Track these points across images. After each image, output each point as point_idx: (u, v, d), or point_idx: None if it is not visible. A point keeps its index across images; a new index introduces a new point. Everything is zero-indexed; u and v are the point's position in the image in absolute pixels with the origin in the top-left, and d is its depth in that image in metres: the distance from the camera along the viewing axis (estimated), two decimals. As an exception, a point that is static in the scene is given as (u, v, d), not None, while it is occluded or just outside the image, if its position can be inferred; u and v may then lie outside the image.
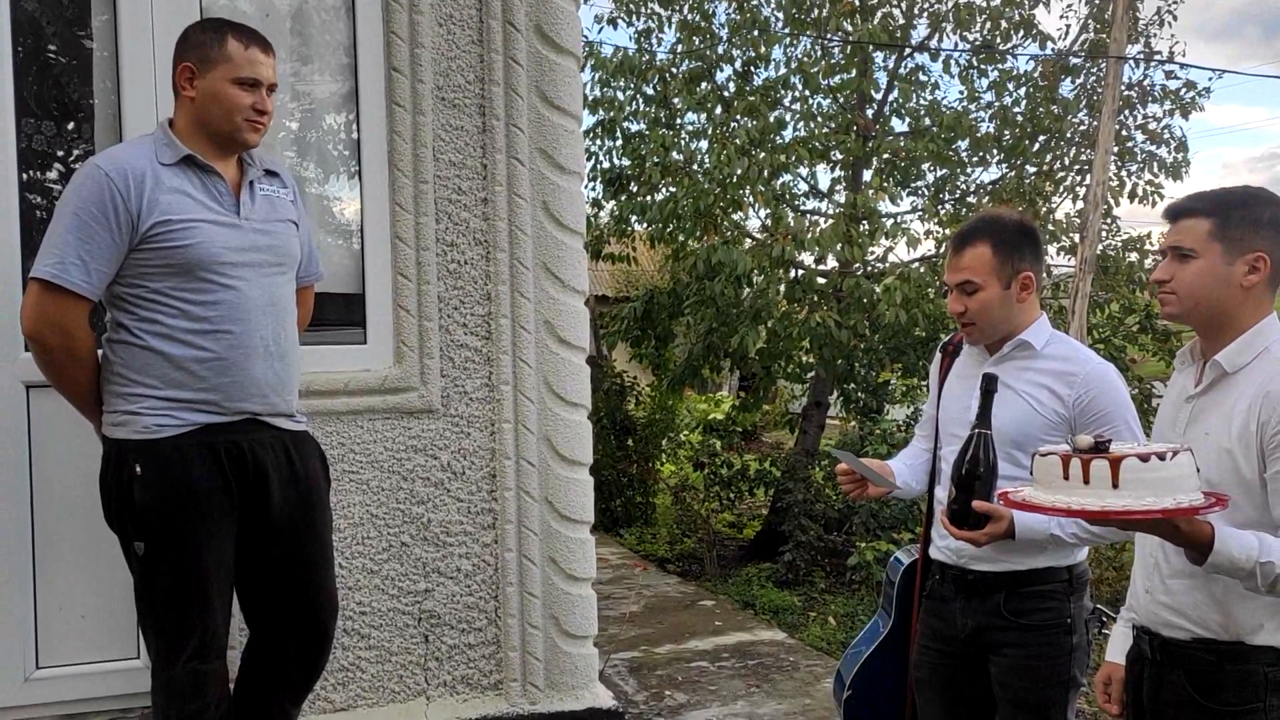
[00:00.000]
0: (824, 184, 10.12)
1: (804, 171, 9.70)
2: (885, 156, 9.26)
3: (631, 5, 9.93)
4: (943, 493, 2.59)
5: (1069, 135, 9.69)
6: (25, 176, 3.39)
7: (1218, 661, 2.01)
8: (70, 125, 3.48)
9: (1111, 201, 9.43)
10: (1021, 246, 2.55)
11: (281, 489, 2.79)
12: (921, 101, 9.72)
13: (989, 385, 2.33)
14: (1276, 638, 1.98)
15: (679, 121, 9.79)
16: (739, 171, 8.35)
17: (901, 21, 9.52)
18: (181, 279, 2.64)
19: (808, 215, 9.54)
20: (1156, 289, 2.13)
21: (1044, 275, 2.65)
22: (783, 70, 9.58)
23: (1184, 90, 9.76)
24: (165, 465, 2.63)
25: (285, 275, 2.85)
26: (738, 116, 9.14)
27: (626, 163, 9.54)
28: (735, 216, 9.06)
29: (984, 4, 9.48)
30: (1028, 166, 9.75)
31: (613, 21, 10.06)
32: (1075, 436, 1.91)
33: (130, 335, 2.66)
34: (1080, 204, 9.10)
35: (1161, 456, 1.79)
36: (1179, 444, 1.90)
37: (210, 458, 2.68)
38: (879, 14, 9.30)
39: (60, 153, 3.49)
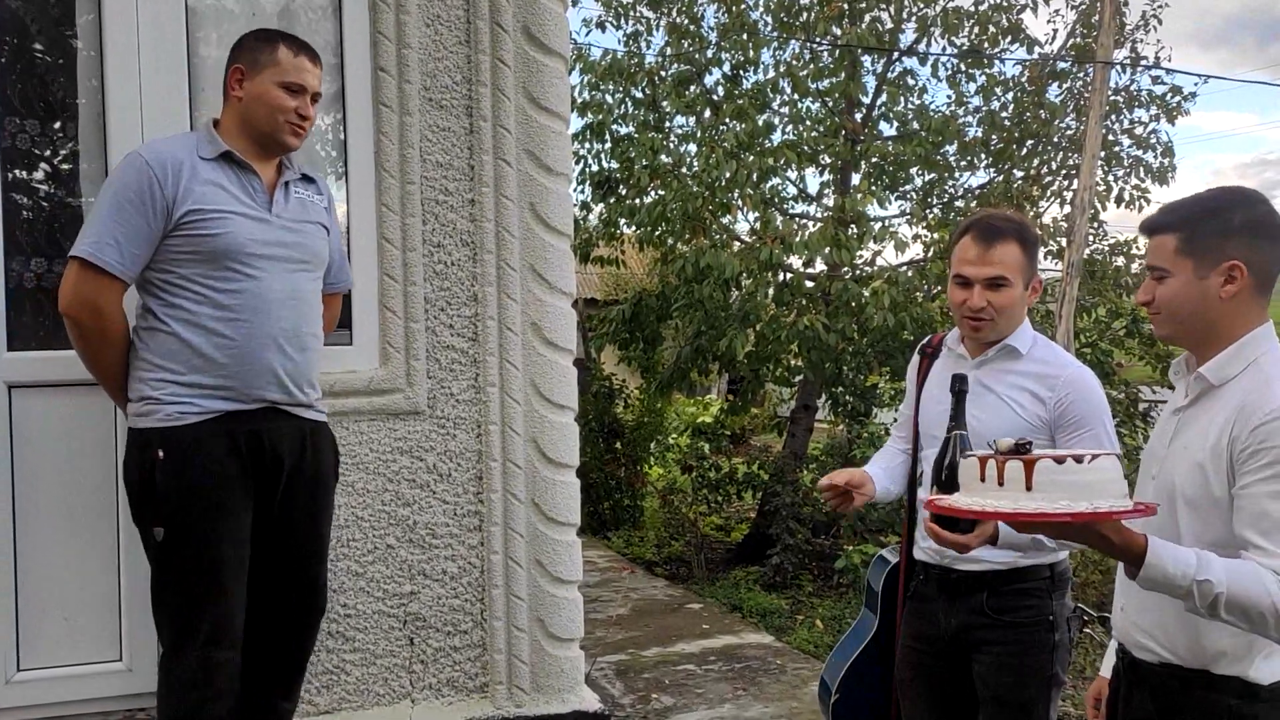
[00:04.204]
0: (812, 187, 10.20)
1: (792, 175, 9.74)
2: (873, 160, 9.28)
3: (620, 8, 9.94)
4: (925, 495, 2.59)
5: (1056, 140, 9.73)
6: (9, 176, 3.37)
7: (1181, 687, 1.93)
8: (56, 125, 3.46)
9: (1098, 206, 9.46)
10: (1037, 252, 2.60)
11: (293, 479, 2.90)
12: (909, 106, 9.76)
13: (959, 386, 2.34)
14: (1236, 667, 1.88)
15: (667, 125, 9.81)
16: (727, 175, 8.36)
17: (889, 25, 9.55)
18: (208, 266, 2.75)
19: (796, 219, 9.56)
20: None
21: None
22: (771, 74, 9.60)
23: (1170, 95, 9.82)
24: (186, 450, 2.72)
25: (310, 273, 2.96)
26: (726, 120, 9.15)
27: (615, 166, 9.54)
28: (724, 220, 9.08)
29: (971, 8, 9.51)
30: (1015, 171, 9.78)
31: (601, 25, 10.08)
32: (999, 440, 1.84)
33: (156, 321, 2.77)
34: (1067, 208, 9.13)
35: (1079, 460, 1.73)
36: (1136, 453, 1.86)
37: (230, 445, 2.77)
38: (867, 18, 9.33)
39: (46, 152, 3.47)
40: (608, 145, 9.68)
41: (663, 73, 9.72)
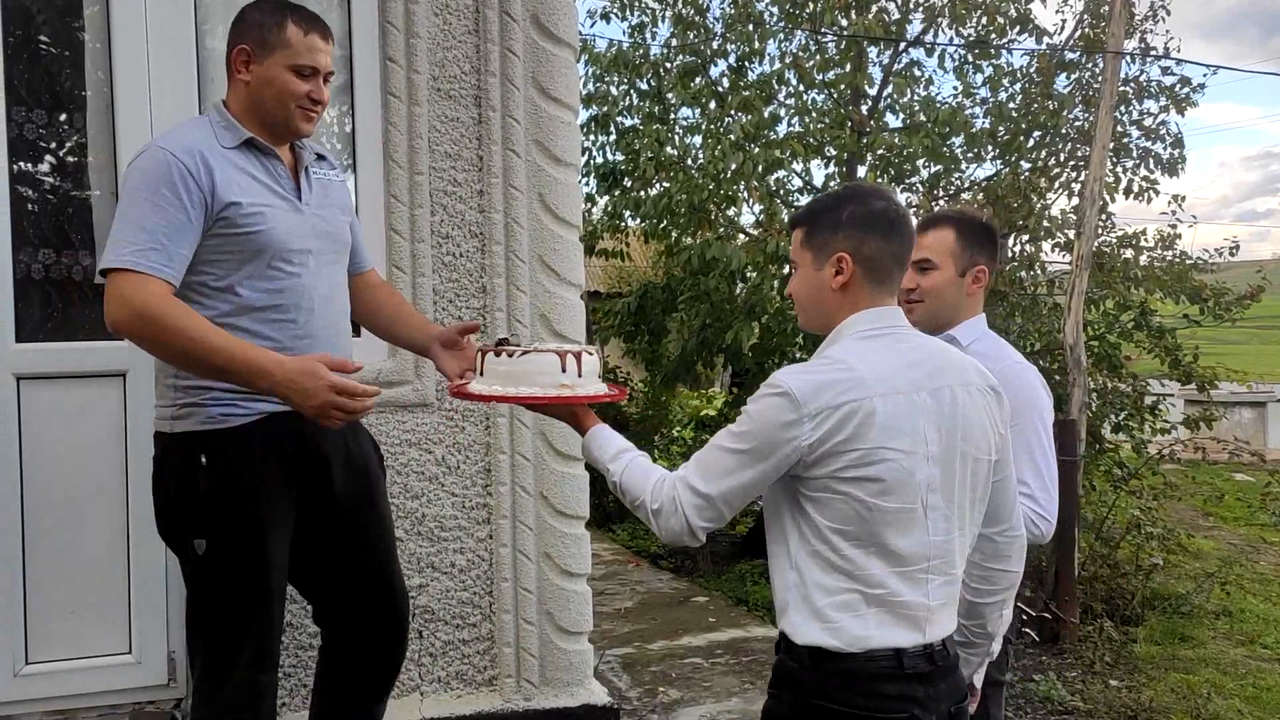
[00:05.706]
0: (818, 179, 10.10)
1: (798, 167, 9.68)
2: (880, 152, 9.23)
3: (625, 0, 9.89)
4: None
5: (1064, 131, 9.67)
6: (17, 168, 3.36)
7: (776, 650, 2.03)
8: (63, 116, 3.44)
9: (1107, 198, 9.41)
10: (983, 242, 2.67)
11: (341, 474, 2.70)
12: (916, 97, 9.71)
13: None
14: (783, 620, 1.97)
15: (673, 116, 9.76)
16: (733, 167, 8.32)
17: (896, 16, 9.50)
18: (250, 265, 2.52)
19: (802, 211, 9.49)
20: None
21: (993, 278, 2.72)
22: (777, 65, 9.55)
23: (1179, 86, 9.76)
24: (232, 455, 2.52)
25: (340, 264, 2.78)
26: (732, 111, 9.11)
27: (620, 158, 9.51)
28: (729, 212, 9.04)
29: (979, -1, 9.46)
30: (1022, 163, 9.73)
31: (606, 16, 10.04)
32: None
33: None
34: (1075, 200, 9.09)
35: (510, 354, 2.18)
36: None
37: (275, 448, 2.57)
38: (874, 8, 9.28)
39: (53, 144, 3.46)
40: (613, 137, 9.64)
41: (668, 64, 9.68)
